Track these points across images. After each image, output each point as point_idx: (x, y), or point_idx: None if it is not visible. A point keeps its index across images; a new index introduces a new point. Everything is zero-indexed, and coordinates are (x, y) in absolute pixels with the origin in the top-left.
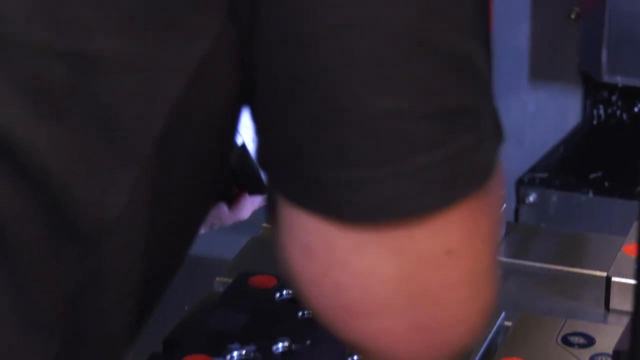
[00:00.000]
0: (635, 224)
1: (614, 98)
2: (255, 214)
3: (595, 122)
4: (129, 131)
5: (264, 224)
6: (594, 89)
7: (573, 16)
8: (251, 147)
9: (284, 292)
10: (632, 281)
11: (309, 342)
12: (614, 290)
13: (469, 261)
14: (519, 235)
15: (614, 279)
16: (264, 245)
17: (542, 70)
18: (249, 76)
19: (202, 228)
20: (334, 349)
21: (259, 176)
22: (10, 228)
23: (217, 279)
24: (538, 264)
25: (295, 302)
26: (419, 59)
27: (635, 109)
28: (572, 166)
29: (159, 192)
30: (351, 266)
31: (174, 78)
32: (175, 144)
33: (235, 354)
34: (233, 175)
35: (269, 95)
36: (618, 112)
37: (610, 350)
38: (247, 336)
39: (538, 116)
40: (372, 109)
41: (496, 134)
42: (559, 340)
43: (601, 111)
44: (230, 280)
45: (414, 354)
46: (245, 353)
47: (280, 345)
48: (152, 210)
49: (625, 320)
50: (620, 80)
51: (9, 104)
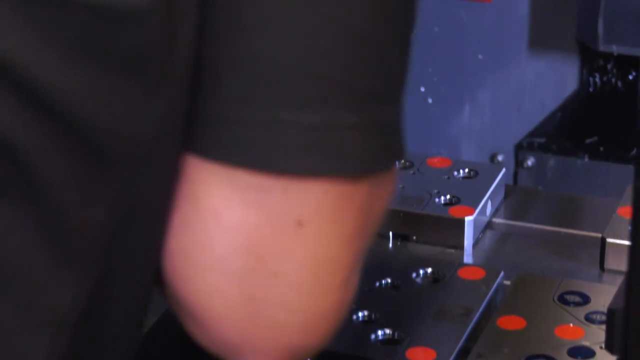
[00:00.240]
0: (629, 187)
1: (609, 66)
2: None
3: (591, 90)
4: (155, 68)
5: None
6: (590, 58)
7: None
8: None
9: None
10: (626, 242)
11: None
12: (608, 251)
13: (319, 245)
14: (518, 197)
15: (609, 240)
16: None
17: (541, 39)
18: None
19: None
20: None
21: None
22: (38, 161)
23: None
24: (536, 226)
25: None
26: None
27: (630, 77)
28: (569, 132)
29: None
30: (200, 202)
31: (187, 23)
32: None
33: None
34: None
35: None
36: (613, 80)
37: (604, 309)
38: None
39: (537, 84)
40: (268, 54)
41: (394, 149)
42: (556, 298)
43: (597, 79)
44: None
45: (238, 329)
46: None
47: None
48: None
49: (619, 280)
50: (615, 49)
51: (31, 44)
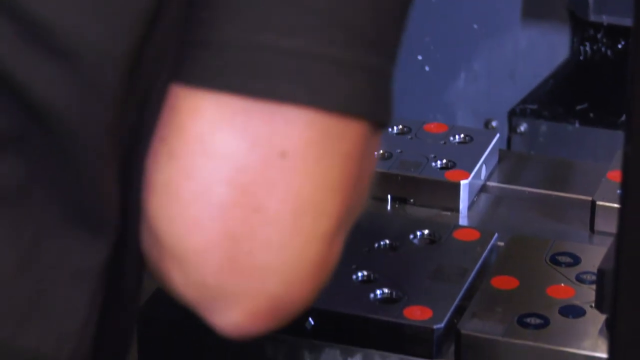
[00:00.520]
0: (618, 152)
1: (599, 36)
2: None
3: (582, 58)
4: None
5: None
6: (581, 27)
7: None
8: None
9: None
10: (616, 205)
11: None
12: (598, 213)
13: (302, 182)
14: (511, 162)
15: (599, 202)
16: None
17: (534, 10)
18: None
19: None
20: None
21: None
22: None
23: None
24: (528, 189)
25: None
26: None
27: (619, 46)
28: (561, 98)
29: None
30: (186, 131)
31: None
32: None
33: None
34: None
35: None
36: (603, 49)
37: (594, 269)
38: None
39: (529, 52)
40: None
41: (379, 102)
42: (548, 259)
43: (588, 48)
44: None
45: (217, 267)
46: None
47: None
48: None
49: (608, 241)
50: (605, 19)
51: None
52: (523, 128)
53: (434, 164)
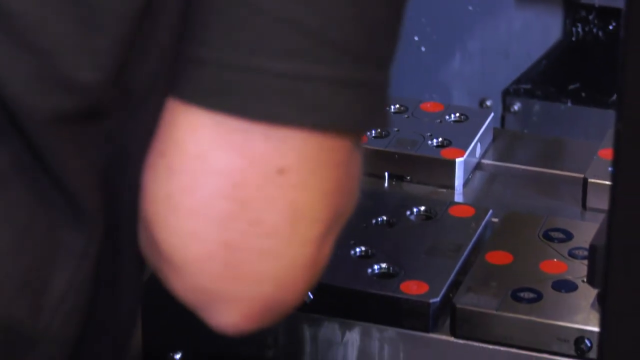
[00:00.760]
0: (610, 131)
1: (591, 17)
2: None
3: (574, 39)
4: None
5: None
6: (573, 9)
7: None
8: None
9: None
10: (607, 182)
11: None
12: (590, 190)
13: (299, 194)
14: (505, 140)
15: (591, 180)
16: None
17: None
18: None
19: None
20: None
21: None
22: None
23: None
24: (522, 167)
25: None
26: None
27: (610, 27)
28: (553, 78)
29: None
30: (185, 147)
31: None
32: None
33: None
34: None
35: None
36: (594, 30)
37: (586, 245)
38: None
39: (523, 34)
40: (257, 5)
41: (372, 112)
42: (541, 235)
43: (580, 29)
44: None
45: (214, 275)
46: None
47: None
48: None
49: (600, 218)
50: (596, 1)
51: None
52: (517, 107)
53: (430, 142)
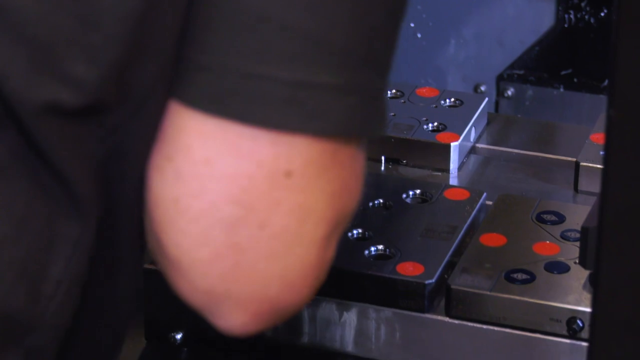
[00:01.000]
0: (601, 115)
1: (583, 4)
2: None
3: (566, 25)
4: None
5: None
6: None
7: None
8: None
9: None
10: (599, 165)
11: None
12: (582, 174)
13: (306, 197)
14: (499, 125)
15: (583, 163)
16: None
17: None
18: None
19: None
20: None
21: None
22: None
23: None
24: (515, 151)
25: None
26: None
27: (602, 14)
28: (546, 64)
29: None
30: (193, 152)
31: None
32: None
33: None
34: None
35: None
36: (587, 17)
37: (578, 227)
38: None
39: (517, 20)
40: (252, 5)
41: (372, 117)
42: (534, 217)
43: (572, 16)
44: None
45: (222, 277)
46: None
47: None
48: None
49: (591, 201)
50: None
51: None
52: (510, 92)
53: (425, 127)
